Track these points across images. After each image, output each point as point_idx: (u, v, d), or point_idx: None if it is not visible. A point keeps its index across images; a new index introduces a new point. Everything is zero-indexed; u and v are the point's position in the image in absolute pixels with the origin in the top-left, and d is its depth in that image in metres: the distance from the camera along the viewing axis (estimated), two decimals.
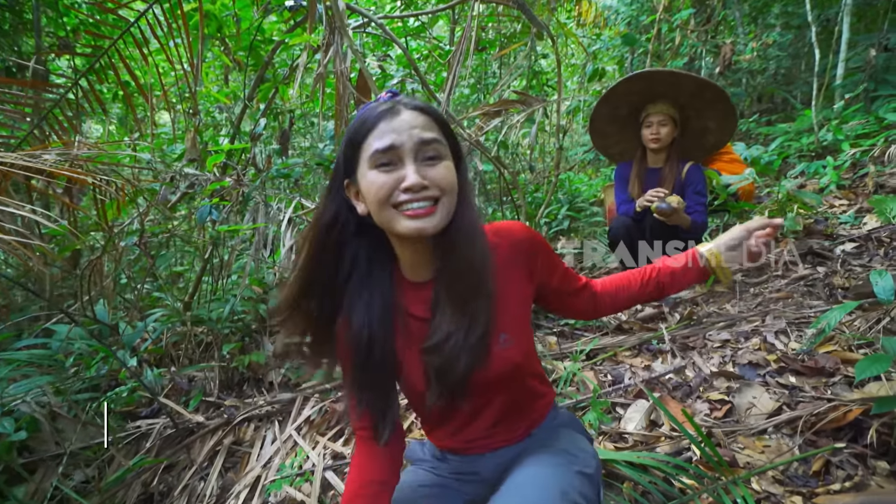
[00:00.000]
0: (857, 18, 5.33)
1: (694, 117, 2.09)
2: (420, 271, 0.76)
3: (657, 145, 2.06)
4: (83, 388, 1.95)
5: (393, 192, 0.65)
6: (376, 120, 0.66)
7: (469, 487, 0.86)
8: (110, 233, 2.07)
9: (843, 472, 1.01)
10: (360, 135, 0.67)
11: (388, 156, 0.65)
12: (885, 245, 1.90)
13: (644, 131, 2.08)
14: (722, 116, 2.07)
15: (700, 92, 2.01)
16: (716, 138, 2.16)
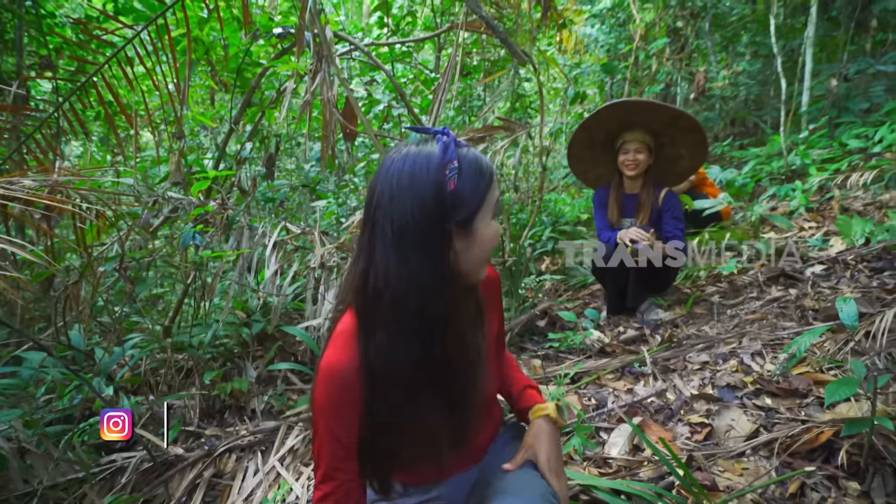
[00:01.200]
0: (819, 49, 5.65)
1: (668, 144, 2.18)
2: None
3: (634, 172, 2.13)
4: (55, 419, 1.88)
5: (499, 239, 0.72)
6: (494, 173, 0.71)
7: None
8: (88, 258, 2.03)
9: (818, 494, 1.04)
10: (487, 185, 0.70)
11: (499, 205, 0.74)
12: (851, 267, 1.99)
13: (620, 157, 2.16)
14: (694, 144, 2.16)
15: (675, 121, 2.11)
16: (688, 165, 2.25)
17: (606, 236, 2.17)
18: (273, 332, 2.37)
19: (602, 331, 2.12)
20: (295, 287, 2.52)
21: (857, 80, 4.92)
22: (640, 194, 2.18)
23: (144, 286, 2.19)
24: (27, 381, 1.91)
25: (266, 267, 2.14)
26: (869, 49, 5.25)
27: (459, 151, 0.68)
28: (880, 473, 1.05)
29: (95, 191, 1.76)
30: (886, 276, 1.87)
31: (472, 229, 0.68)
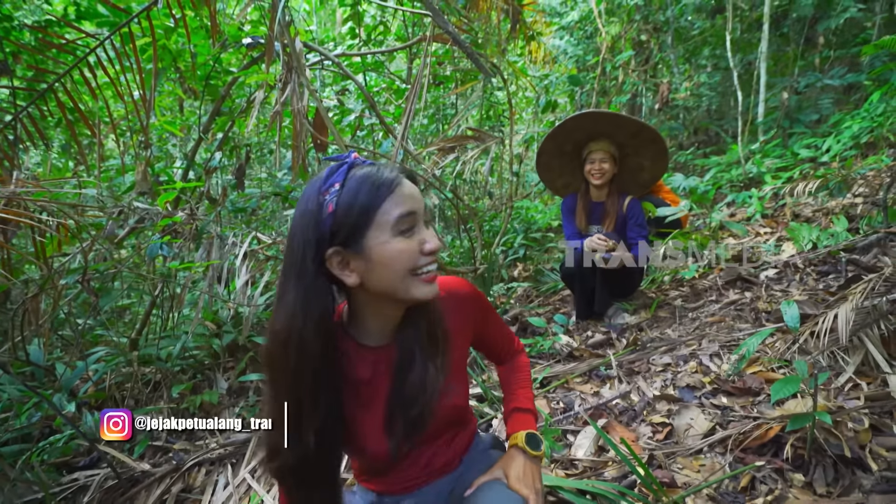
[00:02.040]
0: (773, 63, 5.97)
1: (631, 155, 2.28)
2: (381, 337, 0.77)
3: (600, 181, 2.22)
4: (12, 438, 1.81)
5: (418, 258, 0.67)
6: (390, 187, 0.65)
7: None
8: (48, 270, 1.96)
9: (766, 487, 1.11)
10: (374, 202, 0.64)
11: (410, 221, 0.66)
12: (800, 271, 2.12)
13: (587, 166, 2.24)
14: (656, 156, 2.26)
15: (639, 132, 2.20)
16: (650, 175, 2.35)
17: (574, 243, 2.25)
18: (245, 343, 2.34)
19: (571, 335, 2.18)
20: (267, 297, 2.49)
21: (808, 92, 5.23)
22: (605, 202, 2.27)
23: (109, 298, 2.13)
24: None
25: (237, 277, 2.12)
26: (818, 64, 5.59)
27: (353, 172, 0.66)
28: (822, 465, 1.13)
29: (56, 202, 1.71)
30: (831, 279, 2.00)
31: (364, 249, 0.65)
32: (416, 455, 0.84)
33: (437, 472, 0.87)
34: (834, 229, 2.33)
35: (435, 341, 0.75)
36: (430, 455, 0.86)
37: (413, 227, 0.67)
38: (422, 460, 0.85)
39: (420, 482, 0.87)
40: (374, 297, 0.71)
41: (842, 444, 1.11)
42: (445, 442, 0.87)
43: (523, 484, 0.79)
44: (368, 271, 0.66)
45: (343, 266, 0.67)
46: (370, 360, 0.76)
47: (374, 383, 0.77)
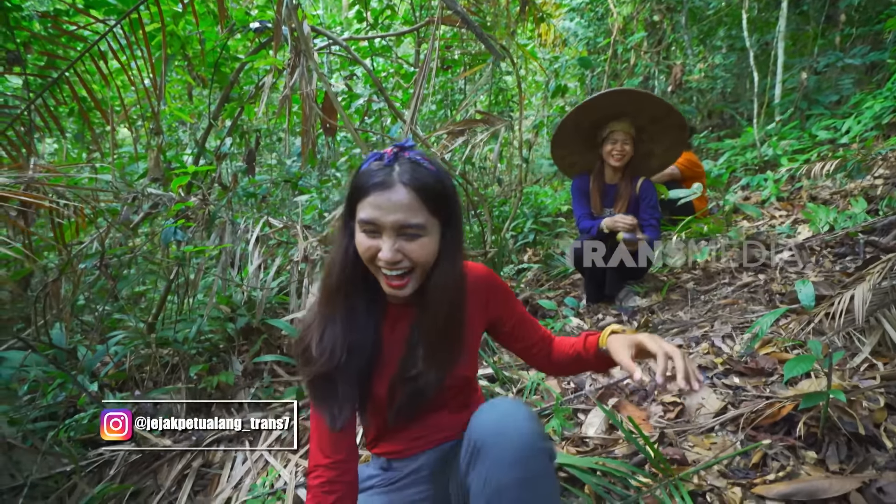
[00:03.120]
0: (791, 42, 5.80)
1: (646, 141, 2.21)
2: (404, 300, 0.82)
3: (619, 162, 2.15)
4: (39, 416, 1.87)
5: (374, 257, 0.72)
6: (370, 189, 0.71)
7: (416, 489, 0.91)
8: (68, 255, 2.01)
9: (778, 463, 1.11)
10: (356, 195, 0.73)
11: (370, 226, 0.72)
12: (816, 253, 2.09)
13: (607, 146, 2.15)
14: (672, 144, 2.20)
15: (663, 117, 2.12)
16: (659, 162, 2.29)
17: (587, 224, 2.22)
18: (258, 326, 2.38)
19: (581, 318, 2.18)
20: (279, 281, 2.52)
21: (828, 72, 5.08)
22: (619, 184, 2.23)
23: (126, 283, 2.18)
24: (8, 380, 1.89)
25: (249, 262, 2.15)
26: (838, 43, 5.41)
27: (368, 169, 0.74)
28: (835, 442, 1.13)
29: (73, 187, 1.74)
30: (848, 260, 1.97)
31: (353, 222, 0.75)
32: (422, 421, 0.88)
33: (439, 438, 0.91)
34: (852, 211, 2.28)
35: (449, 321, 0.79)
36: (435, 423, 0.90)
37: (376, 232, 0.72)
38: (428, 425, 0.89)
39: (422, 446, 0.91)
40: None
41: (856, 423, 1.11)
42: (451, 411, 0.90)
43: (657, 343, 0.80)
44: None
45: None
46: (393, 315, 0.83)
47: (391, 342, 0.82)
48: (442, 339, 0.79)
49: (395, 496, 0.90)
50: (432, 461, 0.91)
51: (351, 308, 0.79)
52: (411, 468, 0.91)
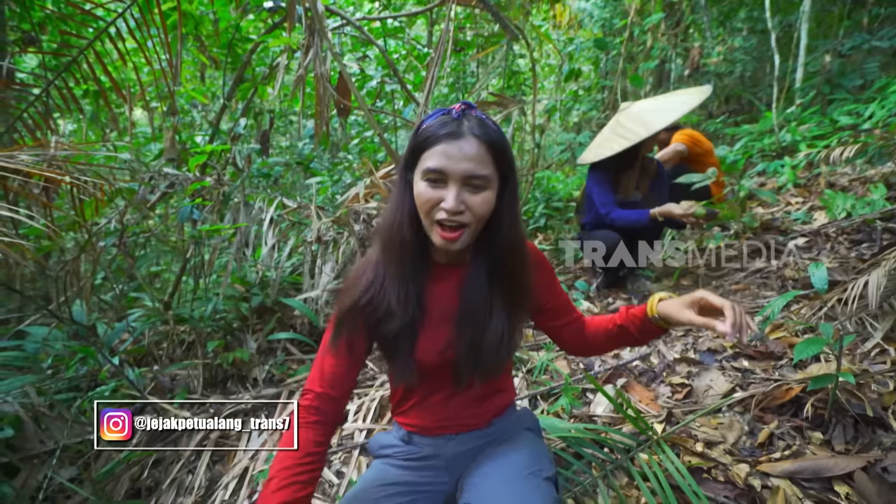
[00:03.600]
0: (816, 24, 5.61)
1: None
2: (449, 256, 0.84)
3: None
4: (63, 388, 1.95)
5: (434, 208, 0.73)
6: (439, 138, 0.72)
7: (431, 474, 0.91)
8: (89, 232, 2.06)
9: (784, 443, 1.13)
10: (423, 145, 0.74)
11: (436, 175, 0.73)
12: (832, 240, 2.06)
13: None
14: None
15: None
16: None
17: (626, 214, 2.09)
18: (271, 306, 2.43)
19: (592, 302, 2.19)
20: (291, 262, 2.56)
21: (853, 55, 4.91)
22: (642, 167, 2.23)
23: (145, 261, 2.23)
24: (33, 354, 1.96)
25: (263, 242, 2.18)
26: (866, 24, 5.22)
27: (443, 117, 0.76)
28: (842, 424, 1.14)
29: (92, 165, 1.78)
30: (864, 247, 1.94)
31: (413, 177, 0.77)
32: (451, 398, 0.88)
33: (466, 423, 0.91)
34: (871, 198, 2.24)
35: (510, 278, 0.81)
36: (471, 397, 0.89)
37: (440, 182, 0.73)
38: (460, 399, 0.89)
39: (448, 428, 0.90)
40: None
41: (864, 405, 1.11)
42: (481, 394, 0.90)
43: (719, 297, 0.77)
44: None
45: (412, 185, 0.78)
46: (441, 277, 0.84)
47: (441, 300, 0.83)
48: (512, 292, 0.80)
49: (410, 474, 0.91)
50: (451, 453, 0.90)
51: (402, 260, 0.80)
52: (431, 452, 0.91)
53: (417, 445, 0.93)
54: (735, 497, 1.03)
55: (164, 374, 2.15)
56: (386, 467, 0.93)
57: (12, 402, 1.55)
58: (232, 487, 1.52)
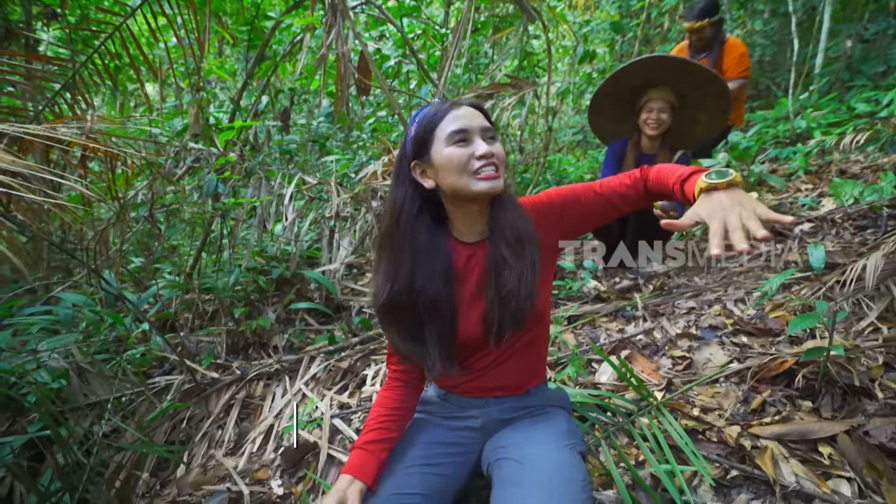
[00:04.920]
0: (840, 7, 5.47)
1: (689, 108, 2.12)
2: (473, 232, 0.93)
3: (655, 132, 2.08)
4: (96, 351, 2.08)
5: (469, 161, 0.83)
6: (446, 111, 0.85)
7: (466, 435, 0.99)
8: (121, 203, 2.17)
9: (775, 409, 1.21)
10: (434, 122, 0.85)
11: (461, 135, 0.83)
12: (837, 225, 2.11)
13: (643, 115, 2.10)
14: (716, 111, 2.12)
15: (705, 84, 2.03)
16: (704, 131, 2.21)
17: None
18: (290, 278, 2.54)
19: (599, 280, 2.27)
20: (309, 237, 2.66)
21: (877, 40, 4.81)
22: (657, 156, 2.16)
23: (174, 231, 2.34)
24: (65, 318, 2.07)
25: (284, 217, 2.27)
26: (893, 7, 5.09)
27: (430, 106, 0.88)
28: (830, 393, 1.22)
29: (125, 138, 1.87)
30: (868, 233, 1.99)
31: (430, 159, 0.86)
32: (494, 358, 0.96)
33: (503, 387, 0.98)
34: (880, 185, 2.27)
35: (520, 241, 0.87)
36: (501, 367, 0.96)
37: (466, 139, 0.84)
38: (491, 367, 0.96)
39: (486, 391, 0.98)
40: (452, 197, 0.88)
41: (853, 377, 1.19)
42: (520, 350, 0.96)
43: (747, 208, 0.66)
44: (437, 174, 0.87)
45: (423, 175, 0.88)
46: (465, 254, 0.93)
47: (470, 275, 0.92)
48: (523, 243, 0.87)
49: (444, 431, 0.99)
50: (487, 417, 0.98)
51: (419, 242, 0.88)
52: (468, 413, 0.99)
53: (454, 403, 1.01)
54: (726, 455, 1.12)
55: (190, 340, 2.28)
56: (425, 423, 1.02)
57: (58, 358, 1.68)
58: (259, 442, 1.65)
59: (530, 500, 0.75)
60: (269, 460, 1.53)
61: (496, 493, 0.81)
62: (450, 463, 0.95)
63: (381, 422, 0.95)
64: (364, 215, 2.31)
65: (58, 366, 1.65)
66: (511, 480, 0.81)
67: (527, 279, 0.86)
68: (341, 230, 2.33)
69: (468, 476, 0.99)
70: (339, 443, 1.53)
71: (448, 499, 0.94)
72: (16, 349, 1.71)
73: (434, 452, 0.95)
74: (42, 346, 1.69)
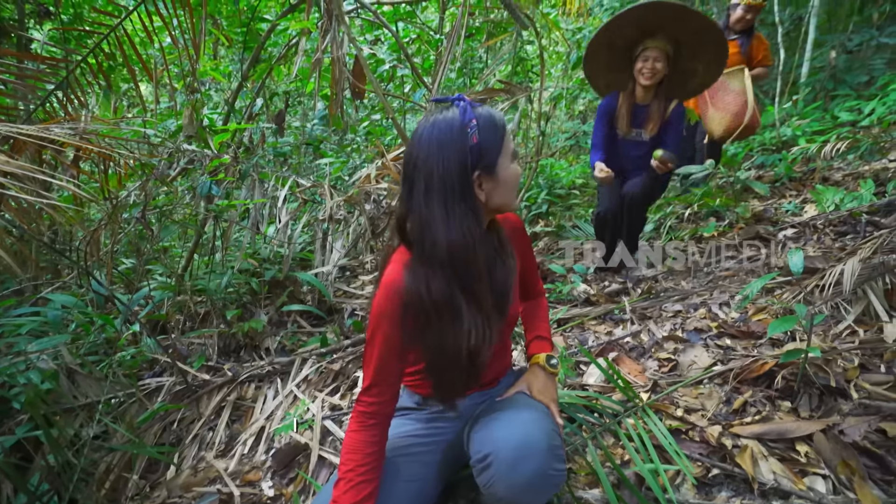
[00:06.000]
0: (826, 18, 5.60)
1: (686, 58, 2.13)
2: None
3: (649, 81, 2.07)
4: (86, 352, 2.07)
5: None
6: (506, 125, 0.85)
7: (444, 423, 1.04)
8: (113, 204, 2.16)
9: (755, 409, 1.25)
10: (501, 134, 0.83)
11: (515, 151, 0.88)
12: (819, 231, 2.16)
13: (638, 64, 2.09)
14: (713, 60, 2.12)
15: (701, 32, 2.03)
16: (700, 82, 2.22)
17: (594, 157, 2.19)
18: (283, 280, 2.54)
19: (588, 284, 2.30)
20: (302, 239, 2.67)
21: (860, 51, 4.93)
22: (650, 105, 2.15)
23: (168, 232, 2.33)
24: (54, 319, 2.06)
25: (277, 220, 2.28)
26: (875, 20, 5.22)
27: (476, 111, 0.81)
28: (808, 394, 1.26)
29: (119, 139, 1.87)
30: (848, 238, 2.04)
31: (496, 173, 0.82)
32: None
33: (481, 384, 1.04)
34: (860, 192, 2.34)
35: (504, 241, 0.95)
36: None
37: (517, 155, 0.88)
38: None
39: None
40: (488, 212, 0.88)
41: (829, 378, 1.23)
42: (496, 353, 1.00)
43: (544, 395, 1.00)
44: (494, 189, 0.83)
45: (479, 186, 0.81)
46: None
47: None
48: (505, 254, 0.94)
49: (423, 426, 1.03)
50: (462, 407, 1.00)
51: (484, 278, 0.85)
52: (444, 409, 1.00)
53: (430, 407, 1.05)
54: (708, 454, 1.16)
55: (181, 343, 2.27)
56: (403, 421, 1.05)
57: (47, 359, 1.67)
58: (250, 444, 1.66)
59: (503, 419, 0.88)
60: (260, 462, 1.54)
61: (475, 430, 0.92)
62: (430, 451, 1.00)
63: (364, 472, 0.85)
64: (357, 218, 2.33)
65: (47, 367, 1.64)
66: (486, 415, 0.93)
67: (511, 274, 0.93)
68: (334, 233, 2.35)
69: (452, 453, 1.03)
70: (329, 444, 1.54)
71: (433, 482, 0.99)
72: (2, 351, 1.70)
73: (410, 443, 1.00)
74: (31, 348, 1.68)
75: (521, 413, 0.91)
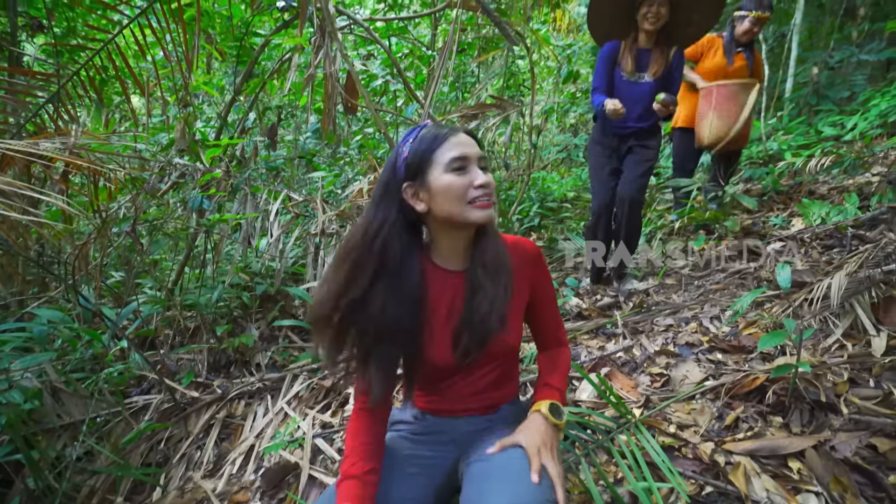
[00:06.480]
0: (807, 36, 5.76)
1: (684, 7, 2.16)
2: (455, 261, 0.93)
3: (654, 26, 2.12)
4: (71, 370, 2.03)
5: (467, 190, 0.85)
6: (445, 137, 0.86)
7: (439, 447, 1.00)
8: (103, 219, 2.14)
9: (747, 425, 1.25)
10: (433, 146, 0.85)
11: (461, 162, 0.85)
12: (806, 244, 2.20)
13: (643, 10, 2.12)
14: (710, 10, 2.17)
15: None
16: (696, 30, 2.25)
17: (597, 100, 2.22)
18: (274, 295, 2.52)
19: (581, 298, 2.31)
20: (294, 253, 2.65)
21: (841, 68, 5.08)
22: (653, 50, 2.21)
23: (158, 247, 2.31)
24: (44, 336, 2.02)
25: (269, 233, 2.27)
26: (855, 37, 5.38)
27: (420, 131, 0.88)
28: (799, 409, 1.26)
29: (109, 153, 1.86)
30: (835, 252, 2.08)
31: (426, 182, 0.86)
32: (464, 384, 0.97)
33: (475, 408, 1.00)
34: (845, 206, 2.38)
35: (498, 270, 0.90)
36: (478, 386, 0.98)
37: (465, 168, 0.85)
38: (468, 387, 0.98)
39: (458, 412, 0.99)
40: (441, 223, 0.89)
41: (819, 392, 1.24)
42: (492, 381, 0.98)
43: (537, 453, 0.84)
44: (431, 199, 0.86)
45: (414, 197, 0.87)
46: (442, 280, 0.93)
47: (443, 302, 0.92)
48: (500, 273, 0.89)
49: (418, 448, 1.00)
50: (460, 432, 0.99)
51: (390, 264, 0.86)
52: (441, 428, 1.00)
53: (428, 423, 1.02)
54: (701, 471, 1.15)
55: (170, 358, 2.24)
56: (399, 440, 1.02)
57: (31, 377, 1.64)
58: (239, 463, 1.63)
59: (496, 490, 0.78)
60: (249, 482, 1.51)
61: (465, 491, 0.84)
62: (424, 474, 0.97)
63: (367, 450, 0.90)
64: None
65: (31, 385, 1.60)
66: (479, 477, 0.84)
67: (499, 302, 0.88)
68: (326, 247, 2.34)
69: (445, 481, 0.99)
70: (320, 463, 1.51)
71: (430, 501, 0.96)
72: None
73: (410, 463, 0.97)
74: (15, 366, 1.64)
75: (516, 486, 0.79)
